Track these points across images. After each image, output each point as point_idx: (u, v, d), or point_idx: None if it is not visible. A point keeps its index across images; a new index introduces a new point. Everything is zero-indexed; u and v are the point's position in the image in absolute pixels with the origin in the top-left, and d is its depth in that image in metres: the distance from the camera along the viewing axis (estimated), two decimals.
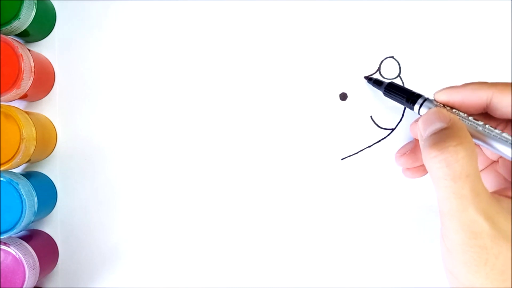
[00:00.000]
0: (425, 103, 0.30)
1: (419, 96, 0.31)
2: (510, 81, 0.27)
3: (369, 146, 0.39)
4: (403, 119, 0.39)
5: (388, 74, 0.39)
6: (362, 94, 0.39)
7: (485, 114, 0.28)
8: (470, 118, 0.27)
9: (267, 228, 0.40)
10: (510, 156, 0.26)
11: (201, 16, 0.40)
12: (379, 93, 0.39)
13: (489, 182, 0.30)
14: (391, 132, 0.39)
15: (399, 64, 0.39)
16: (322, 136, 0.39)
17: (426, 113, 0.28)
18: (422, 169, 0.34)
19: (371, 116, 0.39)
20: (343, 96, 0.39)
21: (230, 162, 0.40)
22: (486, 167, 0.30)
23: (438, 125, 0.26)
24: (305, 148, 0.39)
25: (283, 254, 0.40)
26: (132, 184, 0.40)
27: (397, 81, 0.39)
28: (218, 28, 0.40)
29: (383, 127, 0.39)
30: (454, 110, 0.28)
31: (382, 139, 0.39)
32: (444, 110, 0.27)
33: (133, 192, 0.40)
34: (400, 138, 0.39)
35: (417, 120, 0.30)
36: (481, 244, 0.23)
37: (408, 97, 0.32)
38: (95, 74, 0.40)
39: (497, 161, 0.31)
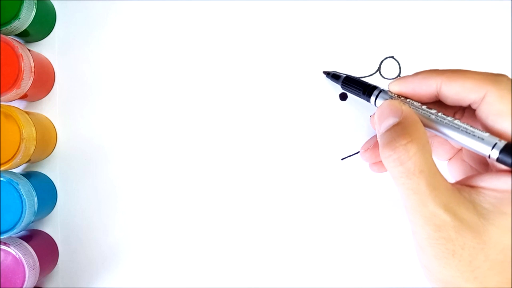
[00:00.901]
0: (380, 95, 0.30)
1: (375, 88, 0.31)
2: (460, 68, 0.27)
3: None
4: None
5: (388, 74, 0.39)
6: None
7: (441, 102, 0.28)
8: (424, 107, 0.27)
9: (267, 227, 0.40)
10: (463, 142, 0.25)
11: (201, 16, 0.40)
12: None
13: (457, 170, 0.30)
14: None
15: (399, 64, 0.39)
16: (322, 136, 0.39)
17: (380, 106, 0.28)
18: None
19: (371, 116, 0.39)
20: (343, 96, 0.39)
21: (230, 161, 0.40)
22: (453, 156, 0.30)
23: (390, 121, 0.26)
24: (305, 148, 0.39)
25: (283, 254, 0.40)
26: (132, 184, 0.40)
27: None
28: (218, 29, 0.40)
29: None
30: (408, 100, 0.28)
31: None
32: (396, 103, 0.27)
33: (133, 192, 0.40)
34: None
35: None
36: (446, 236, 0.23)
37: (364, 89, 0.32)
38: (95, 74, 0.40)
39: (461, 149, 0.31)
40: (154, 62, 0.40)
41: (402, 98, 0.29)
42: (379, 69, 0.39)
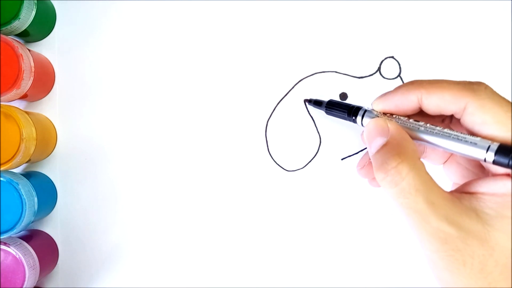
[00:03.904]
0: (366, 114, 0.30)
1: (359, 108, 0.31)
2: (441, 78, 0.27)
3: None
4: None
5: (388, 74, 0.39)
6: (362, 94, 0.39)
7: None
8: (411, 120, 0.27)
9: (267, 227, 0.40)
10: (456, 150, 0.25)
11: (201, 16, 0.40)
12: (379, 93, 0.39)
13: (453, 173, 0.30)
14: None
15: (399, 64, 0.39)
16: (322, 136, 0.39)
17: (366, 126, 0.28)
18: None
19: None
20: (343, 96, 0.39)
21: (230, 161, 0.40)
22: (447, 160, 0.30)
23: (379, 141, 0.26)
24: (305, 148, 0.39)
25: (283, 254, 0.40)
26: (132, 184, 0.40)
27: (397, 81, 0.39)
28: (218, 29, 0.40)
29: None
30: (394, 116, 0.28)
31: None
32: (381, 121, 0.27)
33: (133, 192, 0.40)
34: None
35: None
36: (454, 248, 0.24)
37: (349, 111, 0.31)
38: (95, 74, 0.40)
39: None
40: (154, 62, 0.40)
41: (388, 114, 0.28)
42: (379, 69, 0.39)
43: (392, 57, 0.39)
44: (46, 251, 0.39)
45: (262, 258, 0.40)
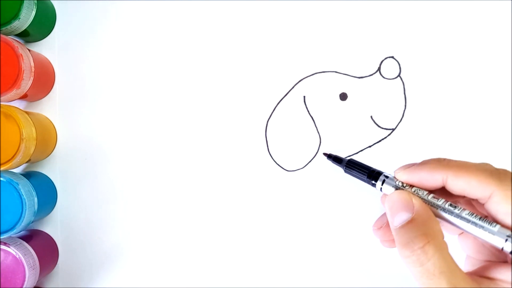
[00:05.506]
0: (386, 181, 0.30)
1: (379, 173, 0.31)
2: (467, 160, 0.27)
3: (369, 146, 0.39)
4: (403, 119, 0.39)
5: (388, 74, 0.39)
6: (362, 94, 0.39)
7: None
8: (430, 196, 0.28)
9: (267, 227, 0.40)
10: (474, 234, 0.26)
11: (201, 17, 0.40)
12: (379, 93, 0.39)
13: (468, 247, 0.30)
14: (391, 132, 0.39)
15: (399, 64, 0.39)
16: (322, 136, 0.39)
17: (391, 197, 0.28)
18: None
19: (371, 116, 0.39)
20: (343, 96, 0.39)
21: (230, 161, 0.40)
22: (463, 232, 0.30)
23: (404, 216, 0.27)
24: (304, 148, 0.39)
25: (283, 254, 0.40)
26: (132, 184, 0.40)
27: (397, 81, 0.39)
28: (218, 29, 0.40)
29: (383, 127, 0.39)
30: (414, 189, 0.28)
31: (382, 139, 0.39)
32: (406, 195, 0.28)
33: (133, 192, 0.40)
34: (400, 138, 0.39)
35: (385, 195, 0.30)
36: None
37: (369, 175, 0.31)
38: (95, 74, 0.40)
39: None
40: (154, 62, 0.40)
41: (408, 186, 0.29)
42: (379, 69, 0.39)
43: (392, 57, 0.39)
44: (46, 251, 0.39)
45: (262, 258, 0.40)
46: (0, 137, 0.34)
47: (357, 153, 0.39)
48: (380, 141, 0.39)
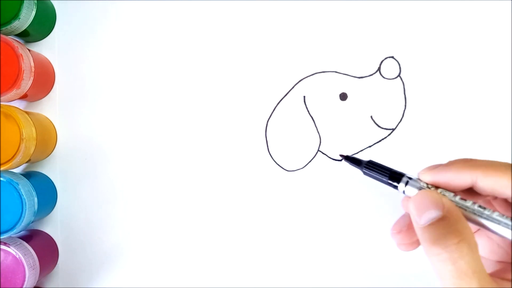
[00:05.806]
0: (410, 183, 0.29)
1: (401, 175, 0.30)
2: (495, 159, 0.26)
3: (369, 146, 0.39)
4: (403, 119, 0.39)
5: (388, 74, 0.39)
6: (362, 94, 0.39)
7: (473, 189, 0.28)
8: (458, 197, 0.27)
9: (267, 227, 0.40)
10: (505, 235, 0.25)
11: (201, 17, 0.40)
12: (379, 93, 0.39)
13: (482, 247, 0.29)
14: (391, 132, 0.39)
15: (399, 64, 0.39)
16: (322, 136, 0.39)
17: (418, 196, 0.27)
18: (417, 242, 0.33)
19: (371, 116, 0.39)
20: (343, 96, 0.39)
21: (230, 161, 0.40)
22: (476, 231, 0.30)
23: (434, 214, 0.26)
24: (304, 148, 0.39)
25: (283, 254, 0.40)
26: (132, 184, 0.40)
27: (397, 81, 0.39)
28: (218, 29, 0.40)
29: (383, 127, 0.39)
30: (439, 190, 0.28)
31: (382, 139, 0.39)
32: (435, 194, 0.27)
33: (133, 192, 0.40)
34: (400, 138, 0.39)
35: (407, 197, 0.29)
36: None
37: (390, 176, 0.31)
38: (95, 74, 0.40)
39: None
40: (154, 62, 0.40)
41: (433, 188, 0.28)
42: (379, 69, 0.39)
43: (392, 57, 0.39)
44: (46, 251, 0.39)
45: (262, 258, 0.40)
46: (0, 137, 0.34)
47: (357, 153, 0.39)
48: (380, 141, 0.39)
